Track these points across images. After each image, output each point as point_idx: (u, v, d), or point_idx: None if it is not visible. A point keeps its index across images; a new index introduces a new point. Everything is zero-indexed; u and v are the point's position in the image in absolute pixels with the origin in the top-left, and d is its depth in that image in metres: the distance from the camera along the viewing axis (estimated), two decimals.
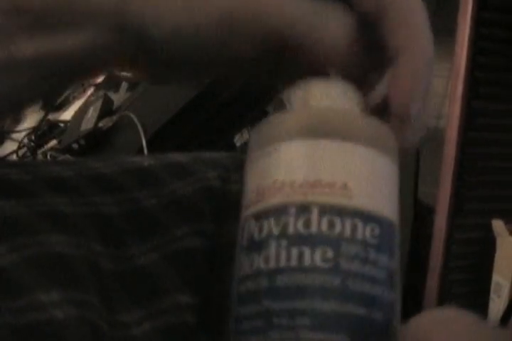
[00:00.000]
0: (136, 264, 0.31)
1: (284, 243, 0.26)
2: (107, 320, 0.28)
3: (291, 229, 0.26)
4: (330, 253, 0.26)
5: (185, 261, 0.32)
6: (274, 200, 0.27)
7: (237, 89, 1.02)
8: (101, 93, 1.20)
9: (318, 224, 0.26)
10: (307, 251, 0.26)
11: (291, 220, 0.27)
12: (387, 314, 0.27)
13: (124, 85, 1.24)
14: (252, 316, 0.26)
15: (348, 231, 0.27)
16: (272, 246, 0.26)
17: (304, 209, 0.27)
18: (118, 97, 1.19)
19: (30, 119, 1.39)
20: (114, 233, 0.31)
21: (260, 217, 0.27)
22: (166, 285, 0.31)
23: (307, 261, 0.26)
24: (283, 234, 0.26)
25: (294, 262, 0.26)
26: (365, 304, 0.26)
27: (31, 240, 0.29)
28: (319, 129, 0.28)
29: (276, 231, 0.26)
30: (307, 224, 0.26)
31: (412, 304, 1.01)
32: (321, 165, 0.28)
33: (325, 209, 0.27)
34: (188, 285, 0.31)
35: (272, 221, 0.27)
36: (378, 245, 0.27)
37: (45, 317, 0.27)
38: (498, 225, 0.84)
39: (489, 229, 0.84)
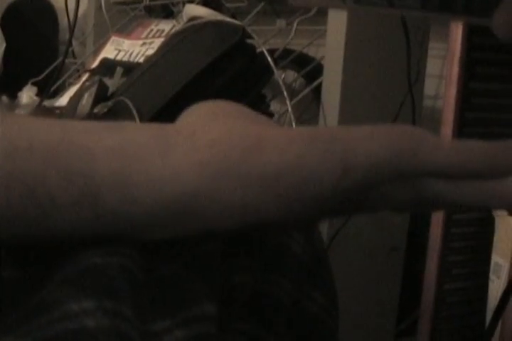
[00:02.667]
0: (164, 273, 0.31)
1: None
2: (138, 330, 0.28)
3: None
4: None
5: (209, 268, 0.32)
6: None
7: (232, 72, 1.01)
8: (96, 78, 1.19)
9: None
10: None
11: None
12: None
13: (119, 70, 1.24)
14: None
15: None
16: None
17: None
18: (113, 83, 1.18)
19: (26, 105, 1.38)
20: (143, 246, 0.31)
21: None
22: (195, 294, 0.30)
23: None
24: None
25: None
26: None
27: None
28: None
29: None
30: None
31: (412, 286, 1.01)
32: None
33: None
34: (213, 295, 0.31)
35: None
36: None
37: (75, 326, 0.26)
38: None
39: (488, 209, 0.84)
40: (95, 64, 1.43)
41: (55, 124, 0.30)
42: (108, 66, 1.31)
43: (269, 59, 1.03)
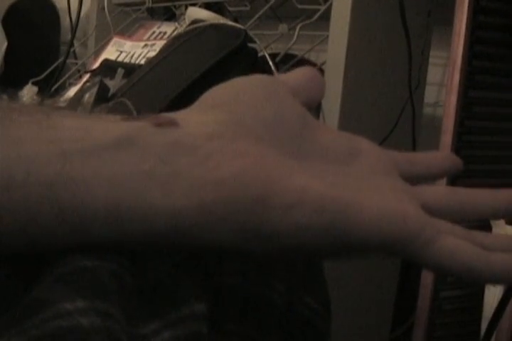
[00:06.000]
0: (153, 275, 0.31)
1: None
2: (127, 332, 0.28)
3: None
4: None
5: (200, 269, 0.32)
6: None
7: (234, 76, 1.01)
8: (97, 79, 1.19)
9: None
10: None
11: None
12: None
13: (120, 72, 1.24)
14: None
15: None
16: None
17: None
18: (114, 84, 1.19)
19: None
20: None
21: None
22: (183, 295, 0.30)
23: None
24: None
25: None
26: None
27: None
28: None
29: None
30: None
31: (407, 292, 1.01)
32: None
33: None
34: (204, 296, 0.31)
35: None
36: None
37: (69, 324, 0.26)
38: None
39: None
40: (96, 65, 1.43)
41: (56, 145, 0.29)
42: (109, 67, 1.31)
43: (271, 63, 1.03)
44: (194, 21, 1.16)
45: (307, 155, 0.34)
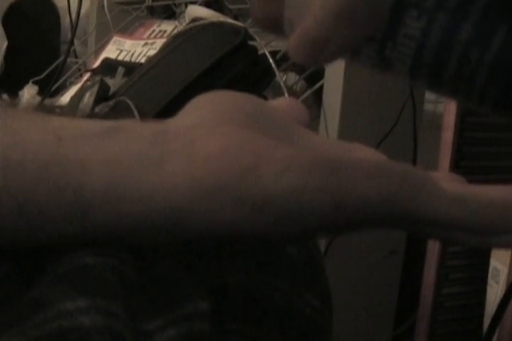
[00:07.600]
0: (156, 272, 0.31)
1: None
2: (130, 330, 0.28)
3: None
4: None
5: (202, 267, 0.32)
6: None
7: (234, 74, 1.02)
8: (97, 78, 1.19)
9: None
10: None
11: None
12: None
13: (121, 70, 1.24)
14: None
15: None
16: None
17: None
18: (114, 83, 1.19)
19: (27, 105, 1.38)
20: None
21: None
22: (186, 292, 0.30)
23: None
24: None
25: None
26: None
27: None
28: None
29: None
30: None
31: (410, 290, 1.01)
32: None
33: None
34: (206, 294, 0.31)
35: None
36: None
37: (70, 324, 0.26)
38: None
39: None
40: (97, 64, 1.43)
41: (50, 131, 0.30)
42: (109, 66, 1.32)
43: (271, 61, 1.03)
44: (194, 19, 1.16)
45: (297, 147, 0.34)
